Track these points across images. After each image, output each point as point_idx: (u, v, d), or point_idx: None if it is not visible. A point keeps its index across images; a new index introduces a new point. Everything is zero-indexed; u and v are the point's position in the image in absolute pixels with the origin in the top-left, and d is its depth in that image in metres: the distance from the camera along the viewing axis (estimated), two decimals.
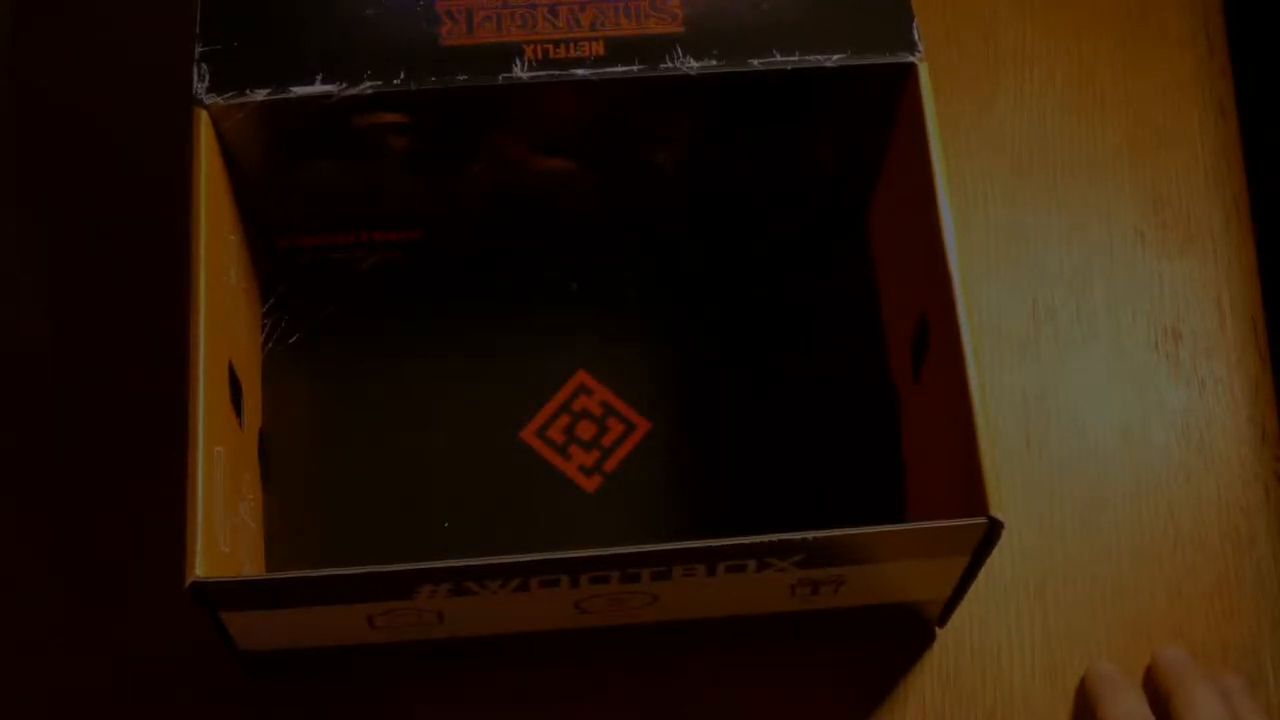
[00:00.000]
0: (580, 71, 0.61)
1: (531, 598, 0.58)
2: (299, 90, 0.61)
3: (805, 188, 0.70)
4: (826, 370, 0.69)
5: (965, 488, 0.56)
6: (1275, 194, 0.76)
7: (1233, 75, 0.77)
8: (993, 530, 0.56)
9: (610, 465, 0.68)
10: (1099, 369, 0.72)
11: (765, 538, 0.55)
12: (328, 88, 0.61)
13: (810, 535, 0.55)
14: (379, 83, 0.61)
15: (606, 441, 0.68)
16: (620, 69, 0.62)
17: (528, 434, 0.68)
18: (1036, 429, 0.70)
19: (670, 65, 0.62)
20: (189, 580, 0.54)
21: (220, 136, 0.62)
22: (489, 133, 0.65)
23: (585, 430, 0.68)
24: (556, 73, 0.61)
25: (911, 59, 0.62)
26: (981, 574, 0.68)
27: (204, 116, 0.61)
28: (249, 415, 0.65)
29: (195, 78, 0.61)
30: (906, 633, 0.67)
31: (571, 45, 0.62)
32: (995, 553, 0.68)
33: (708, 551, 0.56)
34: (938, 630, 0.67)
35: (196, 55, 0.61)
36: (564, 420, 0.68)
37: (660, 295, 0.71)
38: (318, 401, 0.69)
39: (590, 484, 0.67)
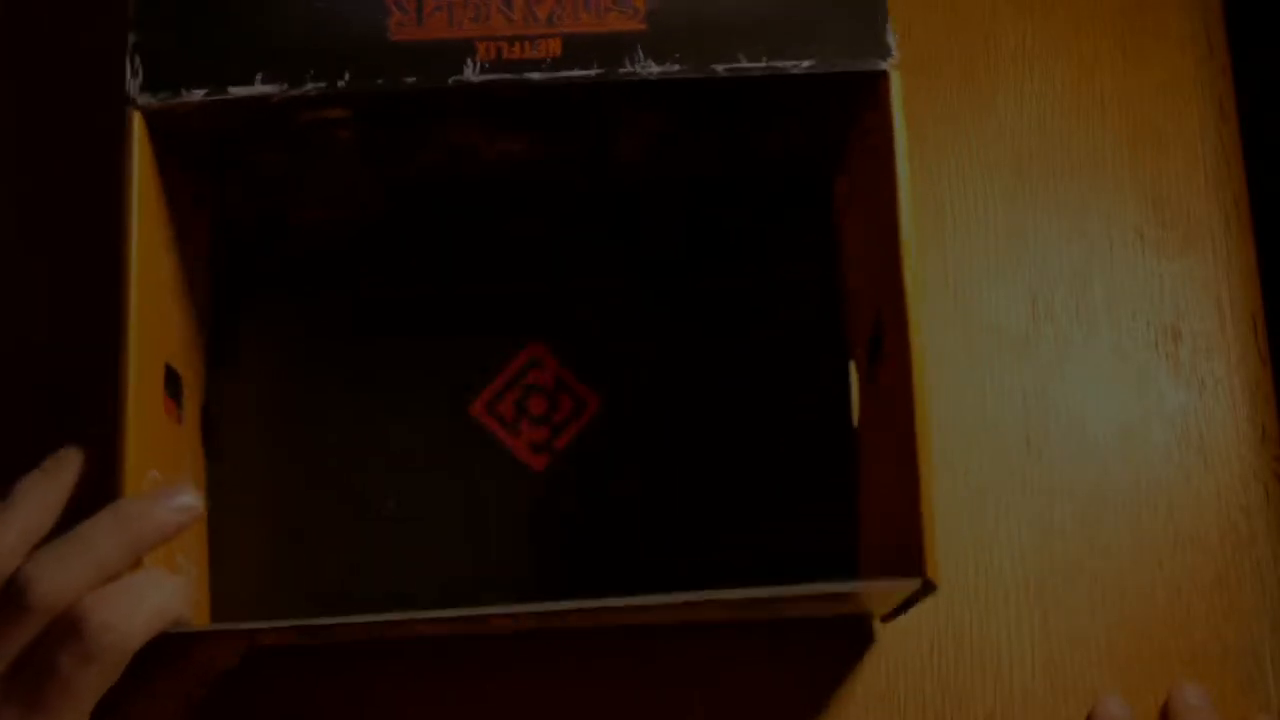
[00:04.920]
0: (535, 76, 0.59)
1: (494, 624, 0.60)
2: (237, 91, 0.58)
3: (771, 173, 0.69)
4: (785, 356, 0.69)
5: (906, 542, 0.56)
6: (1275, 194, 0.76)
7: (1233, 75, 0.77)
8: (924, 590, 0.56)
9: (560, 443, 0.68)
10: (1099, 369, 0.71)
11: (694, 602, 0.56)
12: (268, 89, 0.58)
13: (741, 597, 0.56)
14: (322, 84, 0.58)
15: (557, 418, 0.68)
16: (577, 72, 0.59)
17: (477, 408, 0.68)
18: (1036, 429, 0.70)
19: (629, 69, 0.59)
20: None
21: (155, 138, 0.59)
22: (440, 127, 0.63)
23: (536, 405, 0.68)
24: (509, 75, 0.59)
25: (883, 66, 0.60)
26: (982, 574, 0.68)
27: (138, 118, 0.58)
28: (191, 404, 0.64)
29: (129, 74, 0.58)
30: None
31: (527, 44, 0.59)
32: (995, 553, 0.69)
33: (641, 611, 0.57)
34: (936, 630, 0.67)
35: (130, 47, 0.59)
36: (514, 394, 0.68)
37: (617, 273, 0.70)
38: (266, 377, 0.68)
39: (539, 462, 0.67)
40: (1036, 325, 0.72)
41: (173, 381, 0.61)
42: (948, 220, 0.74)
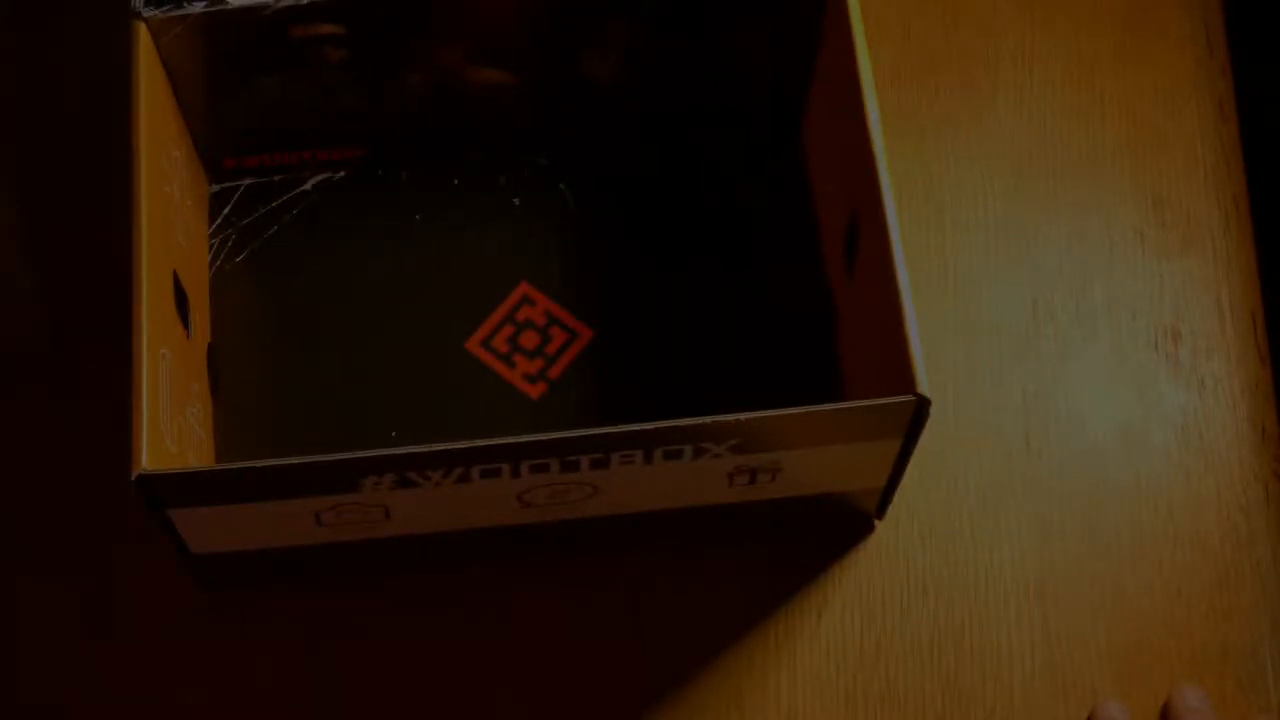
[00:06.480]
0: None
1: (474, 490, 0.58)
2: (236, 0, 0.61)
3: (740, 96, 0.71)
4: (764, 274, 0.70)
5: (895, 370, 0.57)
6: (1275, 194, 0.76)
7: (1233, 75, 0.77)
8: (921, 409, 0.56)
9: (554, 372, 0.69)
10: (1099, 369, 0.72)
11: (699, 420, 0.56)
12: None
13: (744, 417, 0.56)
14: None
15: (550, 350, 0.69)
16: None
17: (473, 344, 0.69)
18: (1036, 429, 0.70)
19: None
20: (135, 474, 0.54)
21: (159, 50, 0.62)
22: (425, 43, 0.65)
23: (529, 340, 0.69)
24: None
25: None
26: (981, 574, 0.68)
27: (143, 30, 0.61)
28: (198, 331, 0.65)
29: None
30: (847, 527, 0.68)
31: None
32: (995, 552, 0.68)
33: (643, 435, 0.57)
34: (936, 630, 0.67)
35: None
36: (508, 330, 0.69)
37: (599, 206, 0.72)
38: (266, 317, 0.70)
39: (535, 391, 0.69)
40: (1036, 325, 0.72)
41: (180, 295, 0.62)
42: (948, 220, 0.74)
